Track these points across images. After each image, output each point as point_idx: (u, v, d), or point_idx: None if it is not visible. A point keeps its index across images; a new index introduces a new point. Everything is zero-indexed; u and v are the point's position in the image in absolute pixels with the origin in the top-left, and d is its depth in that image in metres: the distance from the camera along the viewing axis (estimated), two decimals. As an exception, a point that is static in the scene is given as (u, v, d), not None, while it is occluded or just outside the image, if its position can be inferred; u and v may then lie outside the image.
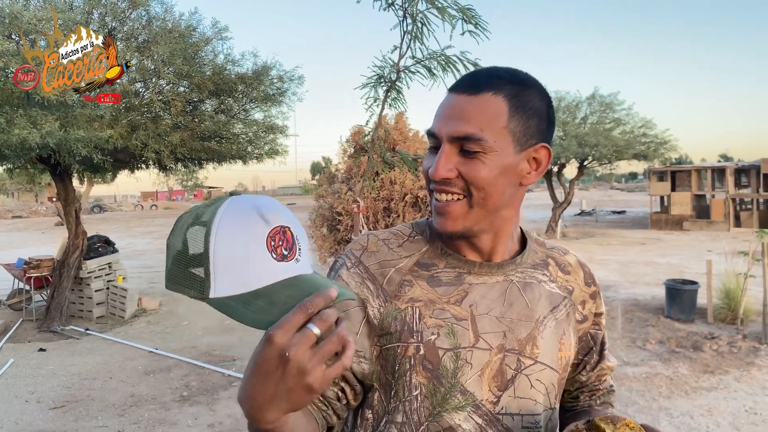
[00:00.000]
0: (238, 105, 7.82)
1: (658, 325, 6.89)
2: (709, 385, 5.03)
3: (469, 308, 0.92)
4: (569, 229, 20.22)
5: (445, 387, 0.89)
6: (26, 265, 8.22)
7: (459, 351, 0.90)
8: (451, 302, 0.92)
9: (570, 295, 1.02)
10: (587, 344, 1.07)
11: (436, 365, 0.89)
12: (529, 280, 0.97)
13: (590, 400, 1.11)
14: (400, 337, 0.90)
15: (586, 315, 1.04)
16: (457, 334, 0.90)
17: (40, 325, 7.64)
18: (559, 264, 1.04)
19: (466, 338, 0.90)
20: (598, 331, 1.07)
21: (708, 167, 21.54)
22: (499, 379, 0.91)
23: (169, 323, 7.84)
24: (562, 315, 0.99)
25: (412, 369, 0.89)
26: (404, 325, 0.90)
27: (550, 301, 0.98)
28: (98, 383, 5.51)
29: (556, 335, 0.97)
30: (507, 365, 0.91)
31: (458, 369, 0.89)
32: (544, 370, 0.94)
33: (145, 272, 12.48)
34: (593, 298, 1.06)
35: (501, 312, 0.93)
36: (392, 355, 0.90)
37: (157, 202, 56.87)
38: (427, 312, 0.91)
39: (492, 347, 0.91)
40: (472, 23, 3.36)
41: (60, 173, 7.56)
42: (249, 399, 0.67)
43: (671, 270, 10.81)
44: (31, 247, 15.33)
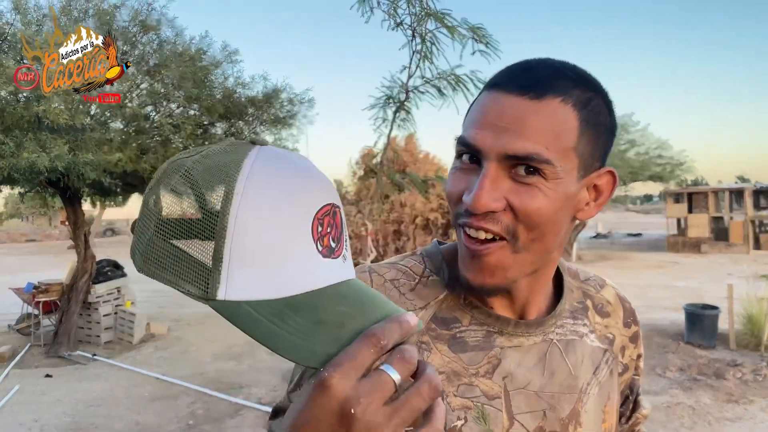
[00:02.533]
0: (249, 128, 7.81)
1: (678, 352, 6.67)
2: (734, 416, 4.81)
3: (502, 382, 0.72)
4: (585, 252, 19.96)
5: None
6: (35, 290, 8.18)
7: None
8: (480, 374, 0.72)
9: (611, 345, 0.83)
10: (625, 395, 0.89)
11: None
12: (570, 337, 0.78)
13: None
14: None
15: (627, 364, 0.86)
16: (489, 417, 0.71)
17: (48, 350, 7.57)
18: (596, 305, 0.84)
19: (499, 423, 0.71)
20: (635, 377, 0.89)
21: (726, 189, 21.25)
22: None
23: (176, 349, 7.74)
24: (604, 376, 0.80)
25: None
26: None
27: (592, 360, 0.79)
28: (103, 411, 5.40)
29: (600, 404, 0.79)
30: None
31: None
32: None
33: (154, 297, 12.41)
34: (634, 342, 0.87)
35: (541, 385, 0.74)
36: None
37: (171, 225, 57.15)
38: (452, 388, 0.71)
39: (529, 431, 0.72)
40: (483, 42, 3.28)
41: (70, 197, 7.55)
42: None
43: (690, 294, 10.56)
44: (43, 271, 15.36)
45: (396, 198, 4.84)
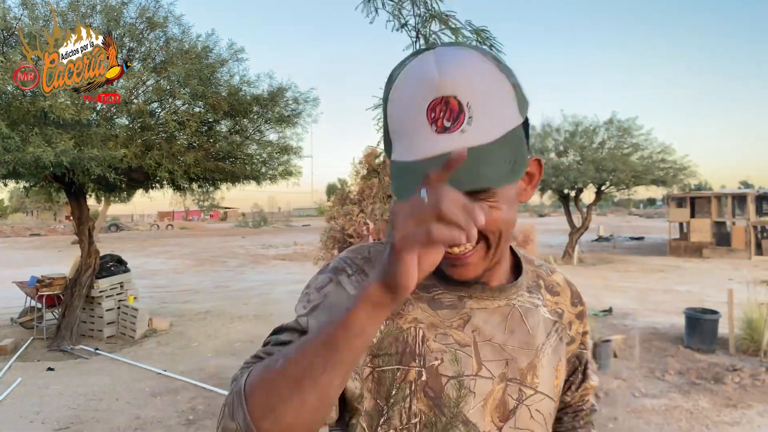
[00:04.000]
0: (253, 126, 7.84)
1: (677, 356, 6.68)
2: (732, 420, 4.83)
3: (471, 334, 0.86)
4: (586, 254, 19.94)
5: (447, 417, 0.83)
6: (39, 283, 8.23)
7: (462, 379, 0.84)
8: (454, 327, 0.86)
9: (560, 318, 0.98)
10: (573, 365, 1.03)
11: (439, 393, 0.83)
12: (528, 305, 0.93)
13: (573, 422, 1.05)
14: (400, 359, 0.83)
15: (573, 337, 1.00)
16: (461, 361, 0.84)
17: (50, 343, 7.61)
18: (547, 285, 1.00)
19: (469, 366, 0.84)
20: (583, 350, 1.04)
21: (728, 194, 21.22)
22: (501, 410, 0.86)
23: (178, 344, 7.77)
24: (555, 341, 0.95)
25: (412, 395, 0.82)
26: (406, 347, 0.83)
27: (545, 327, 0.94)
28: (104, 404, 5.44)
29: (553, 363, 0.93)
30: (509, 395, 0.87)
31: (461, 398, 0.83)
32: (543, 400, 0.90)
33: (157, 292, 12.48)
34: (580, 318, 1.02)
35: (503, 340, 0.88)
36: (389, 379, 0.83)
37: (173, 221, 57.27)
38: (431, 335, 0.84)
39: (494, 376, 0.86)
40: (487, 45, 3.30)
41: (74, 192, 7.59)
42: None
43: (691, 298, 10.57)
44: (47, 265, 15.42)
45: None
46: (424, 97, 0.73)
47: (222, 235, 38.72)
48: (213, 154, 7.36)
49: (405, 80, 0.77)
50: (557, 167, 18.57)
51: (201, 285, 13.88)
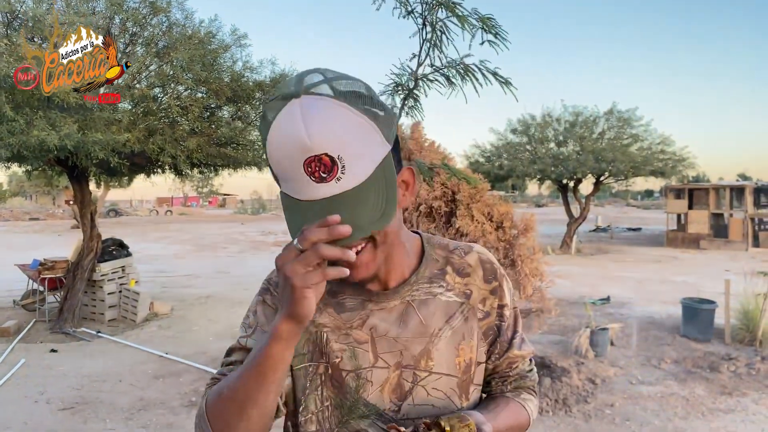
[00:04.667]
0: (255, 112, 7.85)
1: (673, 344, 6.76)
2: (727, 407, 4.91)
3: (369, 331, 1.01)
4: (584, 245, 20.02)
5: (350, 401, 1.00)
6: (41, 266, 8.28)
7: (360, 371, 1.00)
8: (354, 327, 1.01)
9: (468, 299, 1.08)
10: (492, 336, 1.12)
11: (341, 383, 1.00)
12: (424, 297, 1.04)
13: (501, 386, 1.17)
14: (312, 357, 1.01)
15: (487, 311, 1.10)
16: (359, 356, 1.00)
17: (52, 326, 7.67)
18: (456, 269, 1.10)
19: (366, 360, 1.00)
20: (501, 322, 1.12)
21: (726, 186, 21.26)
22: (398, 392, 1.01)
23: (180, 328, 7.84)
24: (458, 322, 1.06)
25: (323, 384, 1.01)
26: (315, 347, 1.01)
27: (445, 312, 1.05)
28: (108, 386, 5.51)
29: (453, 343, 1.05)
30: (404, 379, 1.01)
31: (360, 386, 1.00)
32: (440, 379, 1.03)
33: (158, 277, 12.53)
34: (494, 294, 1.11)
35: (397, 333, 1.01)
36: (304, 374, 1.01)
37: (172, 207, 57.22)
38: (333, 337, 1.01)
39: (390, 365, 1.01)
40: (492, 33, 3.33)
41: (77, 176, 7.62)
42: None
43: (687, 289, 10.65)
44: (47, 249, 15.45)
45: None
46: (298, 155, 0.80)
47: (221, 222, 38.73)
48: (215, 140, 7.37)
49: (278, 136, 0.82)
50: (557, 157, 18.60)
51: (201, 270, 13.94)
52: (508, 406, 1.11)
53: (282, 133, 0.82)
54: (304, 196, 0.82)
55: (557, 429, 4.45)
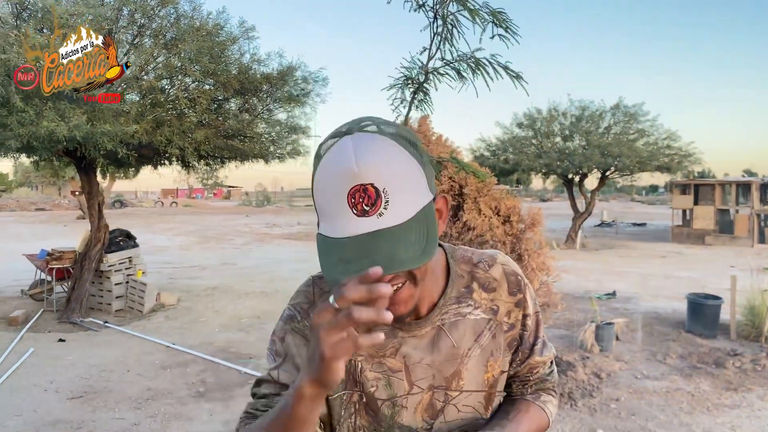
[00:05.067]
0: (262, 104, 7.86)
1: (678, 340, 6.77)
2: (732, 403, 4.92)
3: (402, 359, 1.01)
4: (589, 239, 20.00)
5: (384, 427, 1.02)
6: (49, 257, 8.33)
7: (396, 399, 1.01)
8: (387, 355, 1.01)
9: (495, 315, 1.08)
10: (516, 345, 1.13)
11: (377, 412, 1.01)
12: (454, 319, 1.04)
13: (522, 389, 1.18)
14: (345, 386, 1.01)
15: (512, 323, 1.11)
16: (394, 384, 1.01)
17: (60, 316, 7.73)
18: (482, 284, 1.09)
19: (401, 388, 1.01)
20: (524, 331, 1.13)
21: (732, 182, 21.17)
22: (430, 412, 1.03)
23: (186, 319, 7.88)
24: (486, 339, 1.06)
25: (357, 413, 1.02)
26: (349, 376, 1.01)
27: (474, 330, 1.05)
28: (116, 375, 5.55)
29: (482, 360, 1.06)
30: (436, 399, 1.03)
31: (395, 414, 1.01)
32: (470, 395, 1.05)
33: (164, 268, 12.59)
34: (518, 306, 1.11)
35: (431, 360, 1.02)
36: (338, 403, 1.01)
37: (177, 199, 57.34)
38: (367, 366, 1.01)
39: (423, 389, 1.02)
40: (503, 27, 3.33)
41: (85, 167, 7.65)
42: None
43: (692, 284, 10.64)
44: (53, 240, 15.53)
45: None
46: (344, 184, 0.81)
47: (226, 214, 38.80)
48: (222, 132, 7.39)
49: (326, 168, 0.84)
50: (562, 151, 18.55)
51: (207, 262, 13.99)
52: (529, 411, 1.13)
53: (331, 164, 0.84)
54: (345, 233, 0.81)
55: (563, 423, 4.47)
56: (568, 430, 4.36)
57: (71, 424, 4.43)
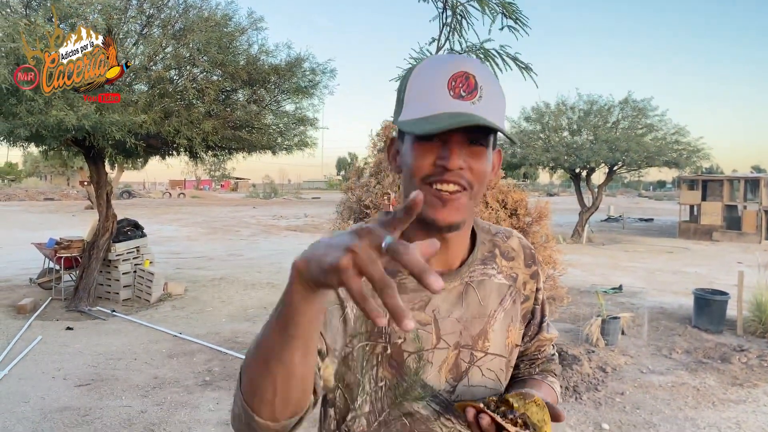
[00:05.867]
0: (270, 96, 7.86)
1: (685, 335, 6.76)
2: (738, 398, 4.91)
3: (432, 313, 0.99)
4: (596, 234, 19.94)
5: (408, 383, 0.98)
6: (57, 246, 8.38)
7: (422, 353, 0.98)
8: (416, 308, 0.98)
9: (515, 282, 1.11)
10: (527, 319, 1.16)
11: (401, 364, 0.98)
12: (481, 278, 1.05)
13: (530, 369, 1.20)
14: (369, 336, 0.97)
15: (527, 295, 1.14)
16: (422, 338, 0.98)
17: (68, 304, 7.78)
18: (503, 252, 1.12)
19: (429, 341, 0.99)
20: (536, 305, 1.17)
21: (741, 177, 21.05)
22: (454, 372, 1.01)
23: (193, 309, 7.92)
24: (508, 304, 1.08)
25: (379, 365, 0.98)
26: (374, 327, 0.96)
27: (498, 293, 1.07)
28: (123, 364, 5.59)
29: (505, 325, 1.07)
30: (462, 359, 1.01)
31: (421, 368, 0.98)
32: (494, 359, 1.05)
33: (171, 258, 12.65)
34: (533, 278, 1.15)
35: (460, 314, 1.01)
36: (362, 354, 0.97)
37: (185, 190, 57.52)
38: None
39: (450, 345, 1.00)
40: (512, 18, 3.32)
41: (93, 156, 7.68)
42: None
43: (699, 280, 10.61)
44: (62, 229, 15.62)
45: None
46: (448, 69, 0.87)
47: (233, 205, 38.90)
48: (230, 123, 7.40)
49: (430, 61, 0.92)
50: (570, 146, 18.48)
51: (214, 252, 14.04)
52: (542, 387, 1.13)
53: (436, 58, 0.92)
54: (436, 110, 0.86)
55: (567, 416, 4.48)
56: (573, 423, 4.37)
57: (78, 411, 4.48)
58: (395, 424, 0.99)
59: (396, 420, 0.99)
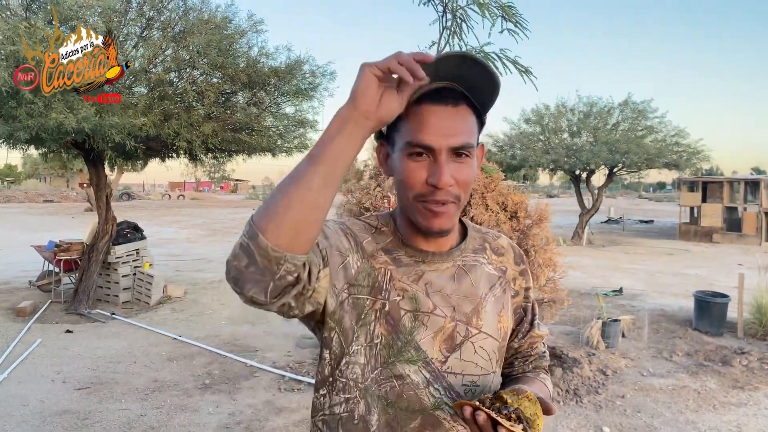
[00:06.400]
0: (270, 98, 7.85)
1: (685, 337, 6.75)
2: (738, 401, 4.90)
3: (424, 286, 1.06)
4: (596, 236, 19.94)
5: (402, 341, 1.03)
6: (57, 248, 8.37)
7: (418, 314, 1.04)
8: (410, 281, 1.06)
9: (504, 274, 1.17)
10: (519, 315, 1.22)
11: (397, 321, 1.03)
12: (472, 263, 1.12)
13: (523, 366, 1.25)
14: (370, 291, 1.03)
15: (517, 290, 1.20)
16: (419, 300, 1.04)
17: (67, 307, 7.77)
18: (493, 248, 1.19)
19: (425, 305, 1.04)
20: (527, 303, 1.23)
21: (741, 179, 21.05)
22: (449, 343, 1.05)
23: (193, 311, 7.91)
24: (498, 292, 1.14)
25: (376, 321, 1.03)
26: (375, 282, 1.04)
27: (488, 280, 1.13)
28: (122, 367, 5.58)
29: (496, 309, 1.12)
30: (457, 332, 1.06)
31: (415, 329, 1.03)
32: (487, 339, 1.09)
33: (171, 260, 12.63)
34: (522, 275, 1.22)
35: (451, 290, 1.07)
36: (361, 305, 1.03)
37: (184, 192, 57.52)
38: (397, 276, 1.05)
39: (447, 316, 1.05)
40: (512, 21, 3.32)
41: (93, 159, 7.67)
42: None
43: (699, 282, 10.60)
44: (61, 231, 15.62)
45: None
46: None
47: (233, 207, 38.89)
48: (230, 125, 7.39)
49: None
50: (570, 148, 18.48)
51: (214, 255, 14.02)
52: (534, 383, 1.17)
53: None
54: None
55: (568, 419, 4.47)
56: (574, 426, 4.36)
57: (78, 414, 4.47)
58: (386, 385, 1.03)
59: (387, 380, 1.03)
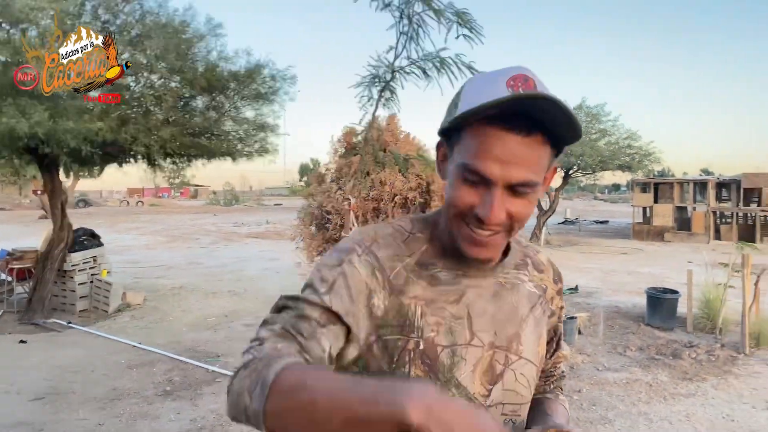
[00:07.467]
0: (230, 102, 7.81)
1: (638, 333, 6.99)
2: (687, 392, 5.11)
3: (466, 307, 0.96)
4: (553, 237, 20.36)
5: (441, 381, 0.93)
6: (9, 257, 8.14)
7: (456, 348, 0.94)
8: (450, 301, 0.95)
9: (544, 293, 1.09)
10: (550, 335, 1.14)
11: (435, 361, 0.93)
12: (514, 282, 1.04)
13: (544, 385, 1.20)
14: (401, 330, 0.93)
15: (554, 310, 1.13)
16: (455, 332, 0.94)
17: (21, 317, 7.57)
18: (534, 263, 1.11)
19: (462, 336, 0.95)
20: (559, 323, 1.17)
21: (690, 180, 21.83)
22: (489, 375, 0.97)
23: (152, 318, 7.80)
24: (539, 313, 1.06)
25: (411, 362, 0.92)
26: (406, 320, 0.93)
27: (529, 300, 1.05)
28: (80, 376, 5.47)
29: (536, 332, 1.04)
30: (496, 361, 0.97)
31: (454, 365, 0.93)
32: (527, 365, 1.01)
33: (130, 267, 12.39)
34: (559, 295, 1.15)
35: (493, 312, 0.98)
36: (392, 346, 0.92)
37: (143, 198, 56.34)
38: (428, 310, 0.94)
39: (484, 344, 0.96)
40: (467, 27, 3.42)
41: (47, 165, 7.50)
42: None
43: (652, 279, 10.95)
44: (14, 240, 15.14)
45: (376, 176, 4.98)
46: (507, 73, 0.86)
47: (193, 213, 38.29)
48: (189, 130, 7.33)
49: (487, 72, 0.91)
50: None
51: (174, 261, 13.82)
52: (558, 410, 1.14)
53: (492, 71, 0.90)
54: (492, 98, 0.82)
55: (527, 414, 4.58)
56: (532, 420, 4.47)
57: (33, 426, 4.37)
58: None
59: None
